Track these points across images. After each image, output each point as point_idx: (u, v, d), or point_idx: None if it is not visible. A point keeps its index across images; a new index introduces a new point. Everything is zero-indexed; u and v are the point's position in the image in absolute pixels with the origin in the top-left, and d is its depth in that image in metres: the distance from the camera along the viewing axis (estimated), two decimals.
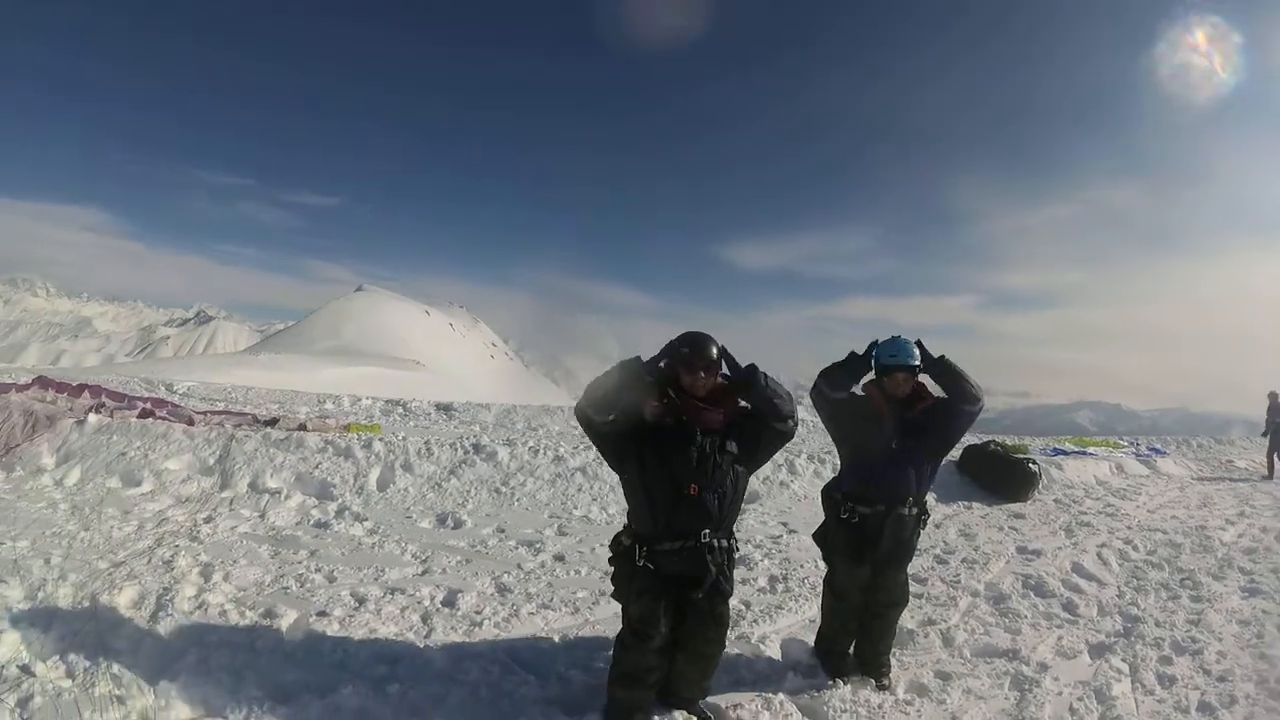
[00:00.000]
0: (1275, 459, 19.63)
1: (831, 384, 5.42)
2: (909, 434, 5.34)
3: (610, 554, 4.80)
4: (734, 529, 4.75)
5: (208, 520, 8.29)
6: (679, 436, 4.45)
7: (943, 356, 5.34)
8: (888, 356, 5.33)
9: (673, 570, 4.47)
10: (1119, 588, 8.22)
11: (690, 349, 4.47)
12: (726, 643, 4.95)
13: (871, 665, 5.54)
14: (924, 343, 5.36)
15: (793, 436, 4.78)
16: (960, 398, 5.32)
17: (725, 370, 4.61)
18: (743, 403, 4.67)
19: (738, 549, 4.85)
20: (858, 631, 5.66)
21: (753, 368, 4.62)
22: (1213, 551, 10.01)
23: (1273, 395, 20.25)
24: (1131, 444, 22.01)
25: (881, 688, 5.39)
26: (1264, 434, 20.38)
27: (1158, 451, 20.38)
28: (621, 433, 4.50)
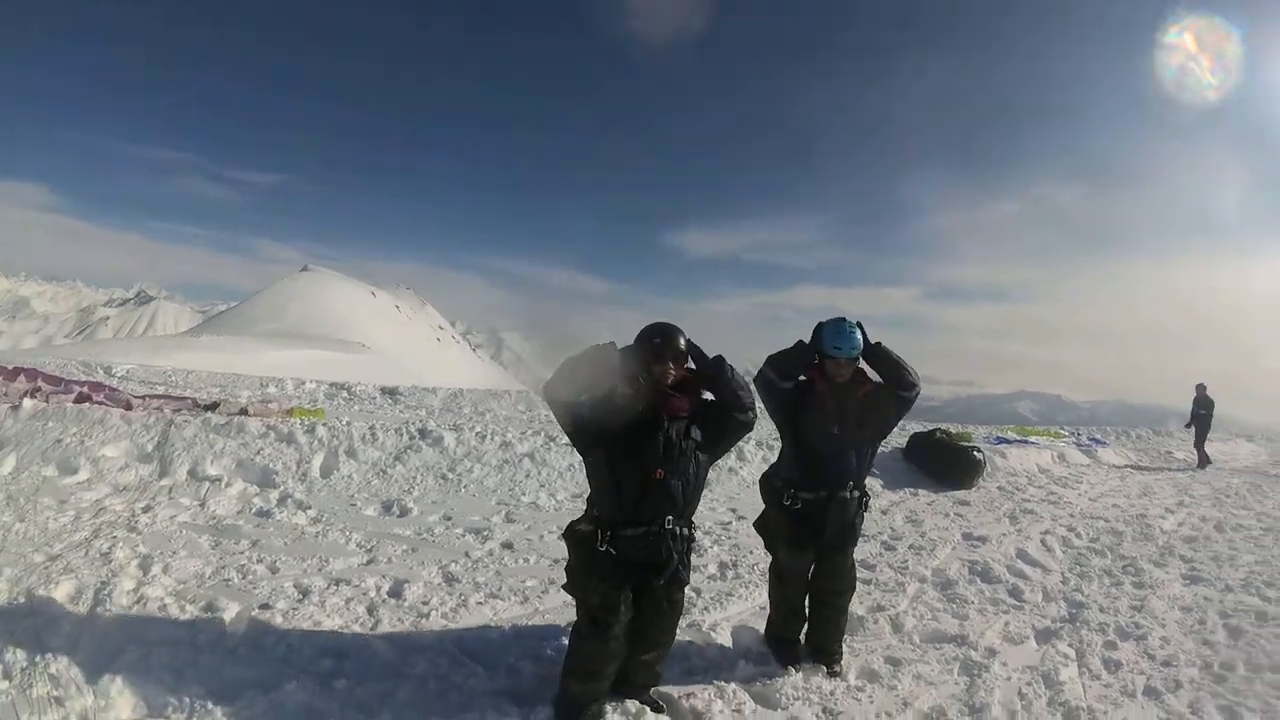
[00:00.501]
0: (1205, 450, 20.46)
1: (780, 373, 5.41)
2: (850, 418, 5.38)
3: (566, 543, 4.77)
4: (693, 518, 4.81)
5: (146, 510, 8.01)
6: (648, 422, 4.50)
7: (879, 343, 5.38)
8: (832, 346, 5.31)
9: (635, 556, 4.50)
10: (1063, 574, 8.34)
11: (661, 339, 4.57)
12: (678, 630, 4.98)
13: (823, 652, 5.54)
14: (864, 326, 5.36)
15: (752, 428, 4.87)
16: (898, 384, 5.35)
17: (691, 362, 4.70)
18: (706, 394, 4.80)
19: (694, 537, 4.88)
20: (808, 619, 5.68)
21: (720, 359, 4.72)
22: (1154, 539, 10.21)
23: (1200, 387, 20.98)
24: (1072, 434, 22.44)
25: (833, 674, 5.39)
26: (1188, 425, 21.37)
27: (1098, 441, 20.80)
28: (592, 415, 4.47)
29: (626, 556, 4.50)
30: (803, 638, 5.70)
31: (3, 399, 10.68)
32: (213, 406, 12.17)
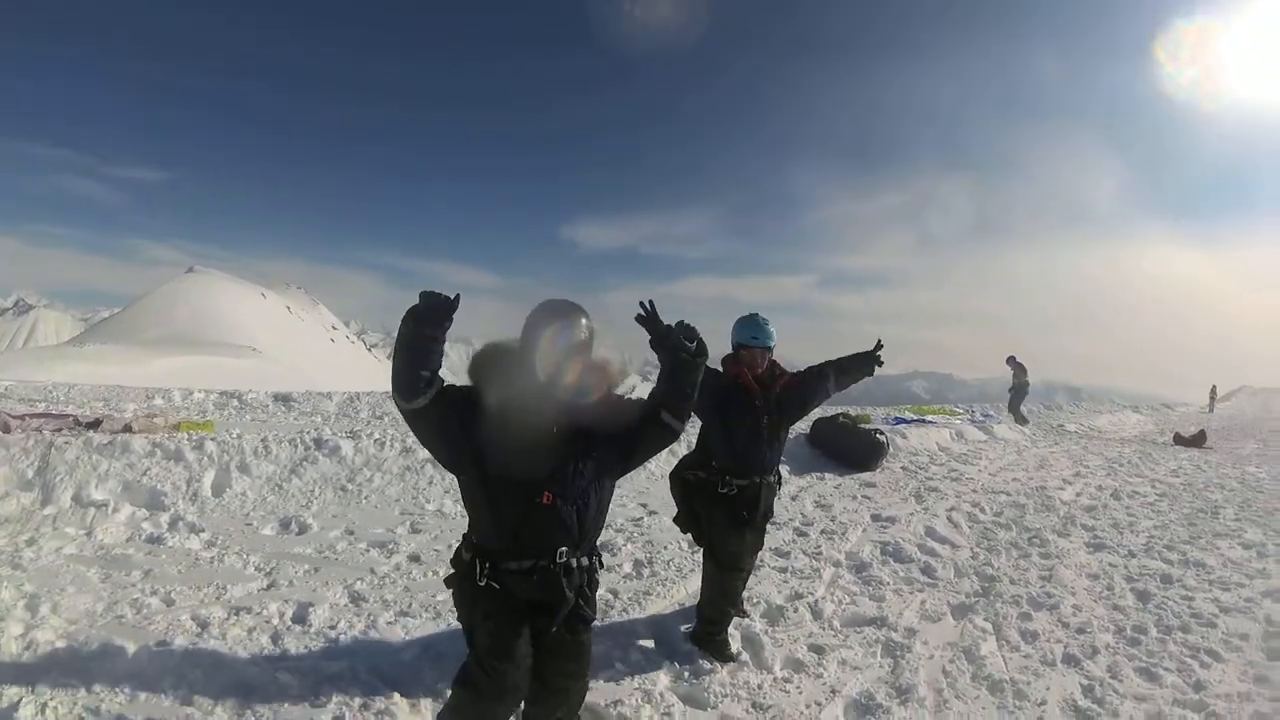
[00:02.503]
0: (1021, 410, 22.57)
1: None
2: (773, 409, 5.67)
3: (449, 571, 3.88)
4: (597, 544, 3.89)
5: (30, 543, 7.38)
6: (532, 429, 3.50)
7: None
8: (750, 337, 5.65)
9: (522, 594, 3.57)
10: (972, 549, 8.56)
11: (560, 321, 3.55)
12: (596, 635, 4.24)
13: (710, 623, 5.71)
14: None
15: (679, 437, 3.93)
16: (842, 384, 6.06)
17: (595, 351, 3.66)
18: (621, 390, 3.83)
19: (602, 566, 3.96)
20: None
21: (682, 329, 3.93)
22: (1055, 510, 10.62)
23: (1010, 359, 22.85)
24: (966, 410, 23.06)
25: (727, 658, 5.50)
26: (1010, 390, 22.97)
27: (991, 417, 21.43)
28: (445, 417, 3.53)
29: (513, 593, 3.57)
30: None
31: None
32: (95, 424, 11.62)
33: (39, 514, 8.24)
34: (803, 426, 14.32)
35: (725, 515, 5.65)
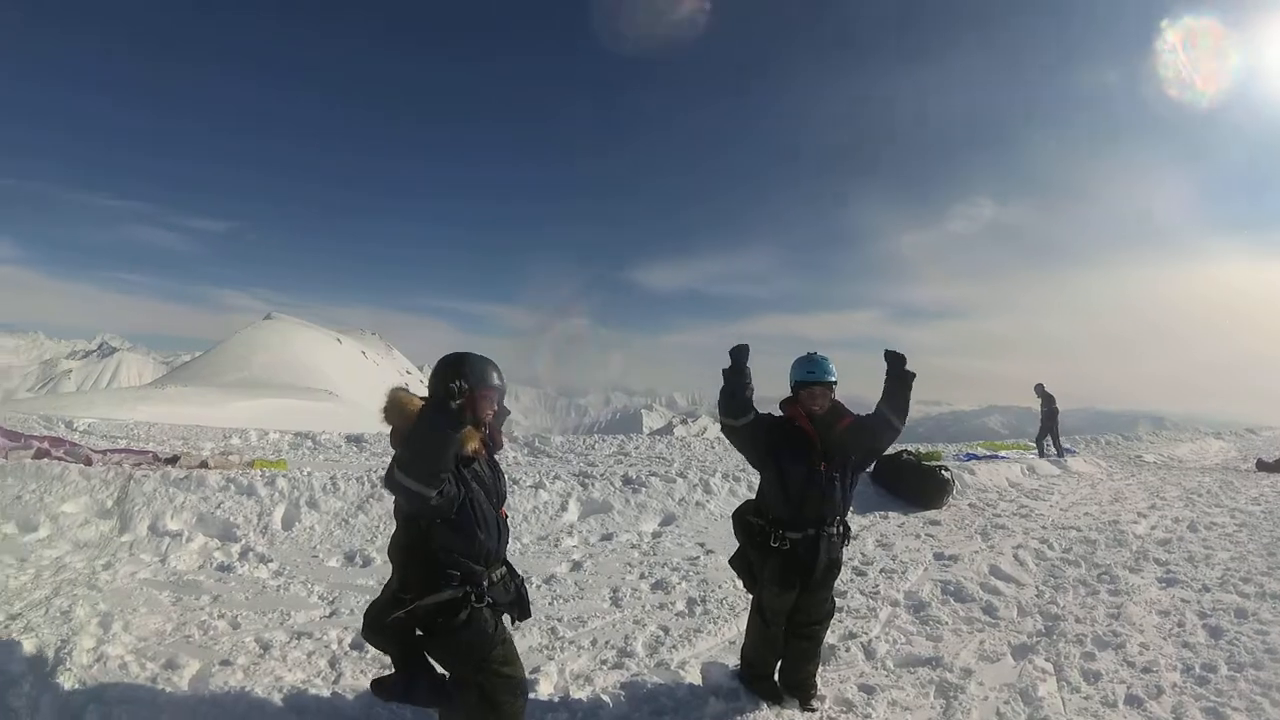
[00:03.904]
0: (1048, 441, 21.15)
1: (731, 412, 5.35)
2: (835, 453, 5.26)
3: None
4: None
5: (106, 566, 7.82)
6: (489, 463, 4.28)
7: (914, 373, 5.29)
8: (806, 372, 5.30)
9: (501, 600, 4.21)
10: (1037, 587, 8.31)
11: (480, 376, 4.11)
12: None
13: (798, 687, 5.45)
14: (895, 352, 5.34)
15: None
16: (900, 413, 5.28)
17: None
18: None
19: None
20: (783, 652, 5.54)
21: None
22: (1127, 545, 10.25)
23: (1038, 386, 21.72)
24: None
25: (809, 710, 5.30)
26: (1042, 423, 21.51)
27: (1067, 451, 20.84)
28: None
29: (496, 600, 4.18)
30: (776, 673, 5.58)
31: None
32: (173, 460, 12.01)
33: (116, 540, 8.60)
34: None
35: (776, 571, 5.32)
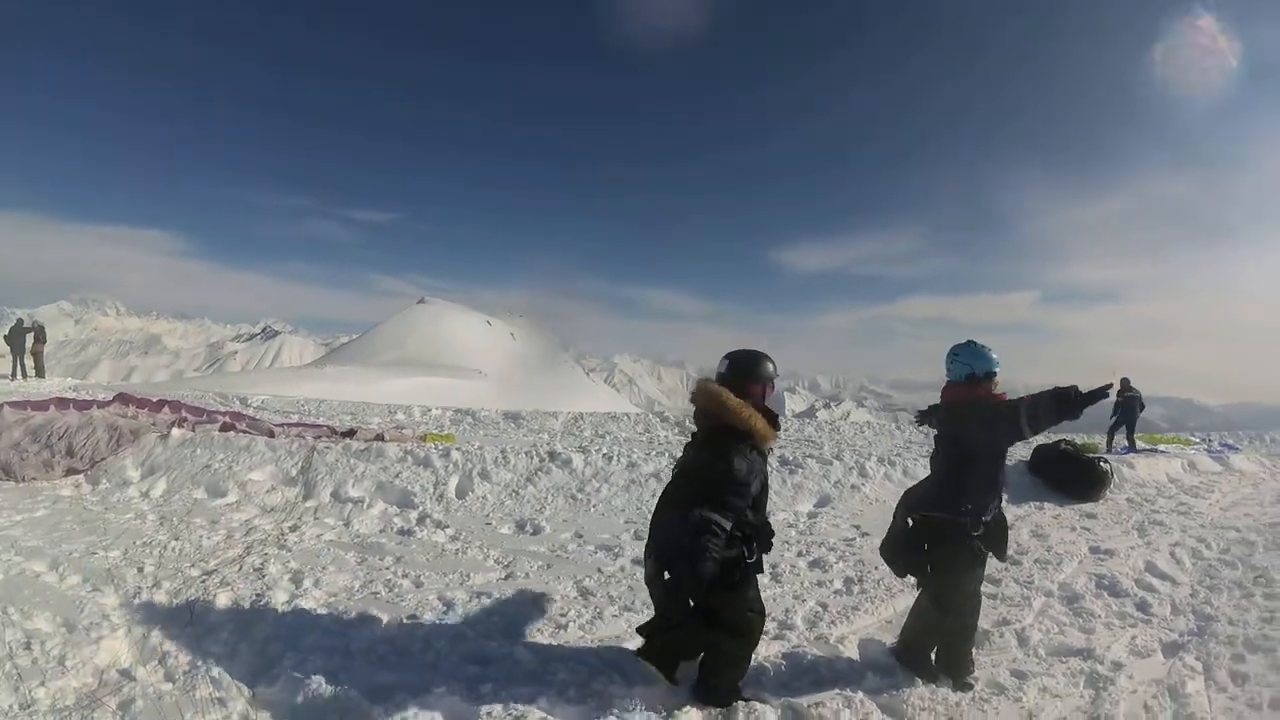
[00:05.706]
0: (1117, 435, 19.96)
1: (1039, 427, 5.17)
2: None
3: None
4: None
5: (294, 529, 8.55)
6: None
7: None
8: (995, 363, 5.37)
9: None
10: (1192, 586, 8.20)
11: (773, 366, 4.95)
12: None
13: (955, 666, 5.54)
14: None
15: None
16: (1035, 425, 5.14)
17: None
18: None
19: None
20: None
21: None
22: None
23: (1123, 380, 20.13)
24: (1203, 440, 21.73)
25: (965, 687, 5.43)
26: (1113, 416, 20.26)
27: (1230, 447, 20.01)
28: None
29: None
30: (933, 655, 5.70)
31: (151, 428, 11.29)
32: (350, 433, 12.68)
33: (301, 505, 9.26)
34: (1023, 453, 14.10)
35: (974, 556, 5.36)
